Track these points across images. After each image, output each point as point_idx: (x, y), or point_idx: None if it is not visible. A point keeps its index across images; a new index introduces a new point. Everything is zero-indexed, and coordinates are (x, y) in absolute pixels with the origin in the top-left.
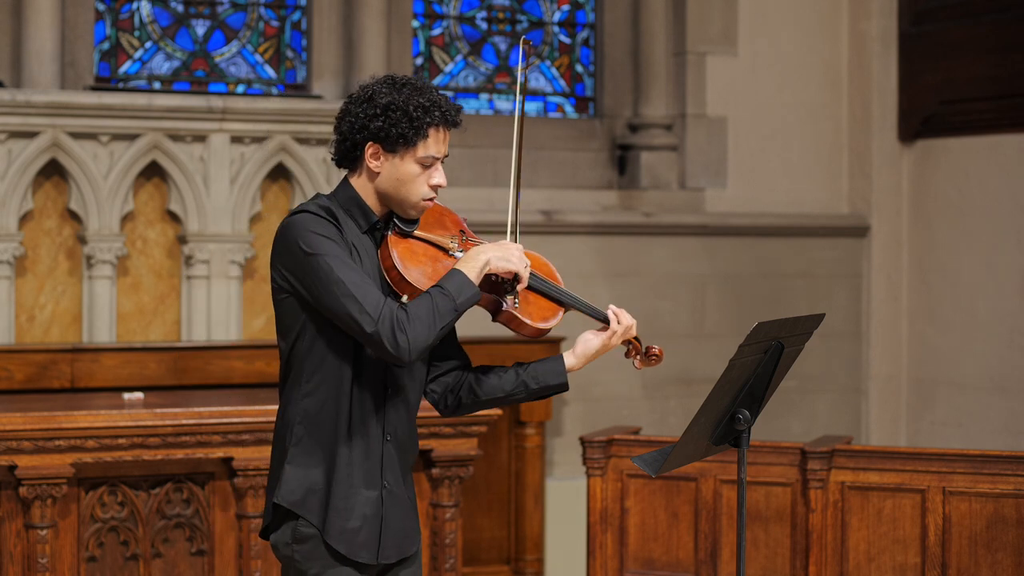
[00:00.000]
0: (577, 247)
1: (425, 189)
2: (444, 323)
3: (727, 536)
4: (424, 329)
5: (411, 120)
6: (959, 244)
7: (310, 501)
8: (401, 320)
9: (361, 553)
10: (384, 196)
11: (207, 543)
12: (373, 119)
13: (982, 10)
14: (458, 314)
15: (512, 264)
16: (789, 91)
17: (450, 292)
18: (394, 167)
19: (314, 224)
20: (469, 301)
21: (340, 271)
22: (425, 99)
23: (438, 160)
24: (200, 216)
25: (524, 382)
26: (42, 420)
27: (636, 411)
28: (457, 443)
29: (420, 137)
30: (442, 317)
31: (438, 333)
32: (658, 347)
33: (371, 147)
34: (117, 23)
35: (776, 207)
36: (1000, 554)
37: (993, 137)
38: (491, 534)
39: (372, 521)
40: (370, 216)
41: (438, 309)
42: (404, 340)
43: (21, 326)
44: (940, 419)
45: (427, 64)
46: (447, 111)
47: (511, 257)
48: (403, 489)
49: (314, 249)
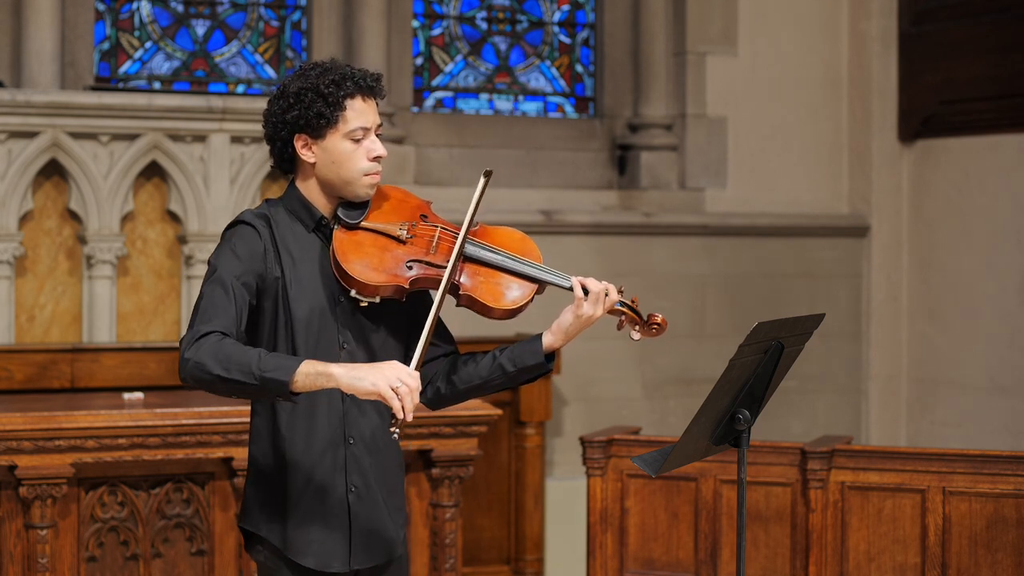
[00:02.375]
0: (577, 247)
1: (364, 163)
2: (229, 375)
3: (727, 536)
4: (211, 362)
5: (324, 98)
6: (959, 244)
7: (268, 522)
8: (206, 341)
9: (332, 563)
10: (328, 185)
11: (207, 543)
12: (288, 110)
13: (982, 10)
14: (253, 383)
15: (365, 384)
16: (789, 91)
17: (266, 361)
18: (325, 151)
19: (234, 239)
20: (272, 382)
21: (210, 285)
22: (335, 75)
23: (369, 131)
24: (200, 216)
25: (500, 365)
26: (42, 420)
27: (636, 411)
28: (457, 443)
29: (339, 111)
30: (233, 369)
31: (218, 378)
32: (660, 316)
33: (298, 139)
34: (117, 23)
35: (776, 207)
36: (1000, 554)
37: (993, 137)
38: (491, 534)
39: (338, 529)
40: (314, 214)
41: (241, 360)
42: (190, 358)
43: (21, 326)
44: (940, 419)
45: (427, 64)
46: (359, 79)
47: (367, 377)
48: (377, 491)
49: (213, 260)
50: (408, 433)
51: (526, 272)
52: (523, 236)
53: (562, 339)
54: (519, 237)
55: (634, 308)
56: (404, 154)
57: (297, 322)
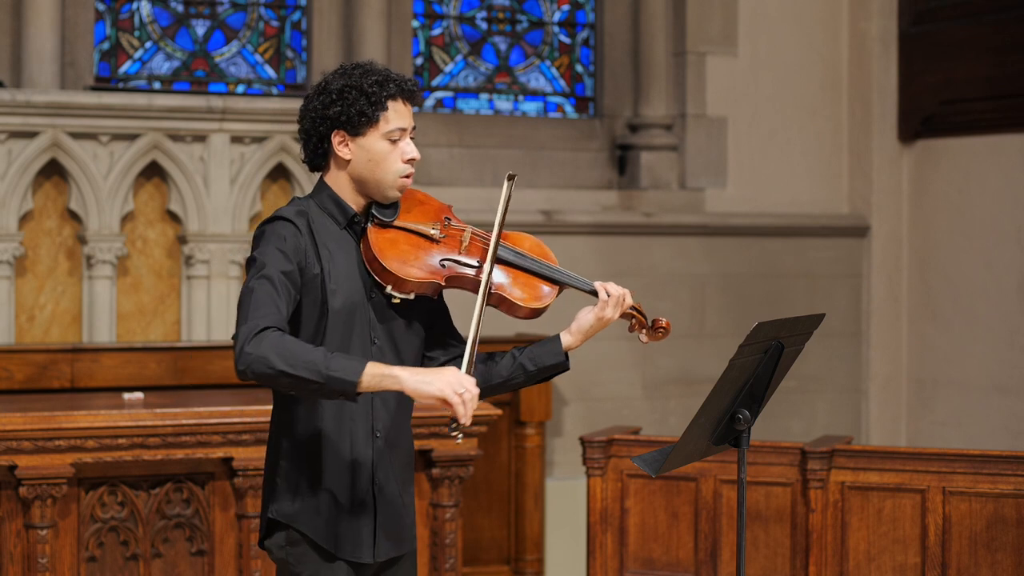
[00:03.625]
0: (577, 247)
1: (400, 165)
2: (294, 372)
3: (727, 536)
4: (275, 357)
5: (368, 96)
6: (959, 244)
7: (301, 512)
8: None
9: (361, 553)
10: (361, 183)
11: (207, 543)
12: (331, 106)
13: (982, 10)
14: (318, 381)
15: (433, 388)
16: (789, 91)
17: (333, 360)
18: (363, 149)
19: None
20: (338, 381)
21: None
22: (378, 75)
23: (405, 132)
24: (200, 216)
25: (521, 365)
26: (42, 420)
27: (636, 411)
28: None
29: (381, 110)
30: (299, 366)
31: (280, 373)
32: (665, 319)
33: (336, 135)
34: (117, 23)
35: (776, 207)
36: (1000, 554)
37: (993, 137)
38: (491, 534)
39: (365, 520)
40: (347, 211)
41: (306, 357)
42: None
43: (21, 326)
44: (940, 419)
45: (427, 64)
46: (402, 82)
47: (435, 381)
48: (396, 486)
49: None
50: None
51: (549, 275)
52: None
53: (580, 340)
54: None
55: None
56: None
57: (333, 316)
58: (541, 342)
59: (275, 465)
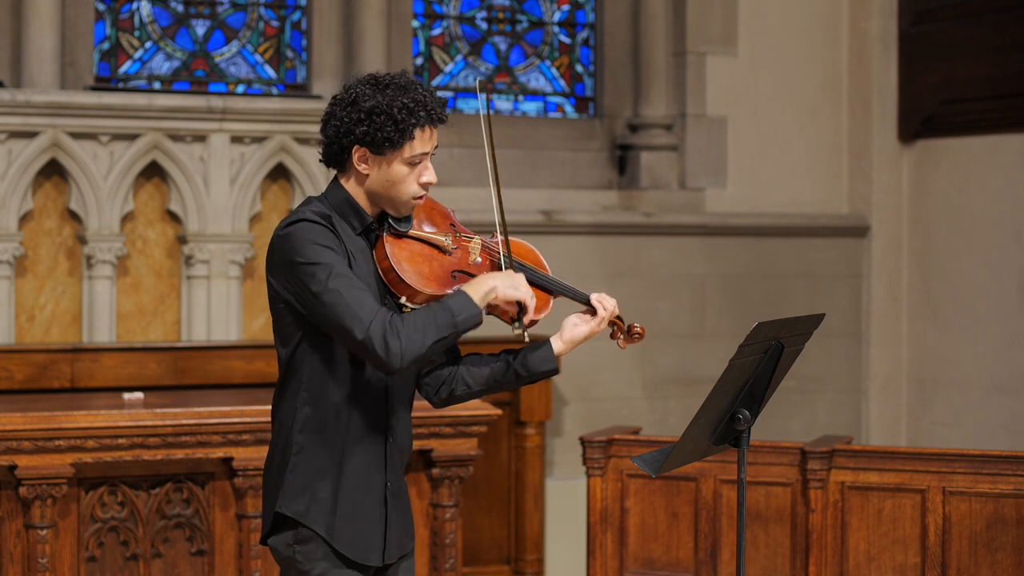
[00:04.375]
0: (577, 247)
1: (415, 188)
2: (440, 336)
3: (727, 536)
4: (418, 336)
5: (396, 123)
6: (959, 244)
7: (314, 510)
8: (395, 325)
9: (371, 556)
10: (375, 197)
11: (207, 543)
12: (358, 124)
13: (982, 10)
14: (457, 331)
15: (519, 293)
16: (789, 91)
17: (451, 308)
18: (382, 170)
19: (312, 233)
20: (469, 320)
21: (335, 281)
22: (409, 99)
23: (427, 156)
24: (200, 216)
25: (515, 371)
26: (42, 420)
27: (636, 411)
28: (457, 443)
29: (407, 139)
30: (439, 329)
31: (432, 345)
32: (640, 326)
33: (358, 151)
34: (117, 23)
35: (776, 207)
36: (1000, 554)
37: (993, 137)
38: (491, 534)
39: (379, 524)
40: (364, 218)
41: (436, 320)
42: (396, 345)
43: (21, 326)
44: (940, 419)
45: (427, 64)
46: (432, 109)
47: (519, 286)
48: (402, 487)
49: (310, 259)
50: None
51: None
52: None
53: (569, 348)
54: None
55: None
56: None
57: None
58: (532, 347)
59: (284, 461)
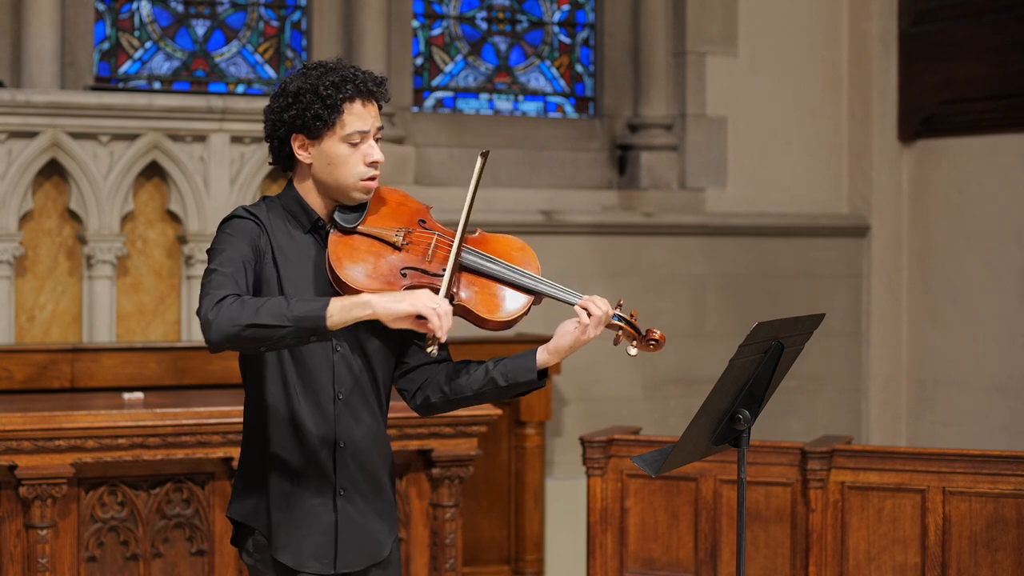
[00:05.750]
0: (577, 247)
1: (361, 168)
2: (259, 321)
3: (727, 536)
4: (238, 315)
5: (323, 100)
6: (959, 244)
7: (259, 513)
8: (224, 303)
9: (310, 563)
10: (324, 187)
11: (207, 543)
12: (287, 109)
13: (982, 10)
14: (287, 326)
15: (404, 307)
16: (789, 91)
17: (294, 302)
18: (322, 153)
19: (230, 225)
20: (305, 320)
21: (216, 262)
22: (336, 76)
23: (367, 135)
24: (200, 216)
25: (493, 379)
26: (42, 420)
27: (636, 411)
28: (457, 443)
29: (336, 114)
30: (262, 316)
31: (248, 327)
32: (659, 332)
33: (296, 139)
34: (117, 23)
35: (776, 207)
36: (1000, 554)
37: (993, 137)
38: (491, 534)
39: (324, 529)
40: (311, 214)
41: (268, 307)
42: (214, 318)
43: (21, 326)
44: (940, 419)
45: (427, 64)
46: (360, 82)
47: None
48: (366, 494)
49: (214, 246)
50: (408, 433)
51: (523, 284)
52: (523, 245)
53: (557, 359)
54: (519, 246)
55: (632, 323)
56: (404, 154)
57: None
58: (515, 356)
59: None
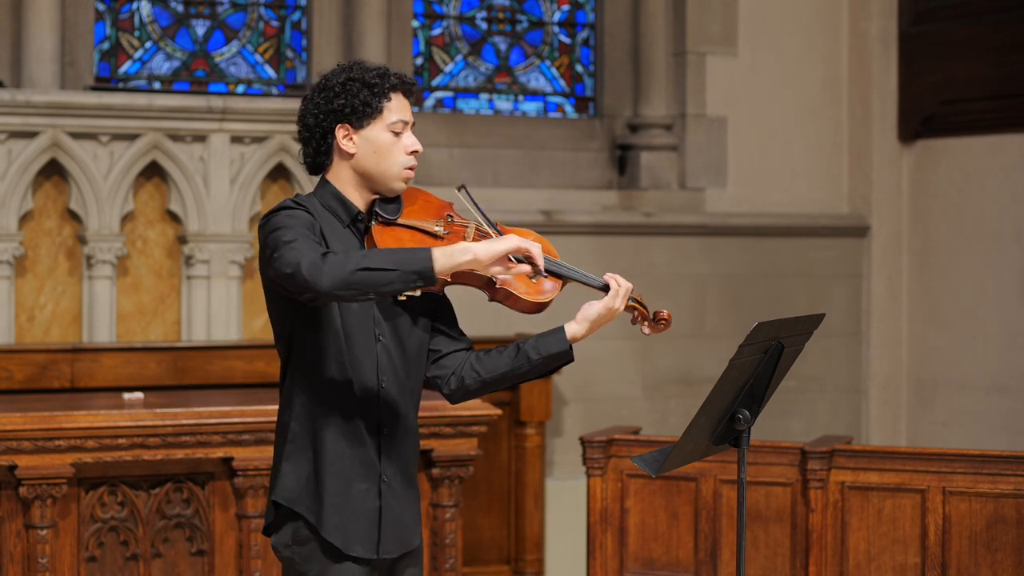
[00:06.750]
0: (577, 247)
1: (403, 157)
2: (369, 265)
3: (727, 536)
4: (343, 262)
5: (370, 87)
6: (959, 244)
7: (305, 496)
8: (328, 256)
9: (356, 547)
10: (365, 176)
11: (207, 543)
12: (334, 99)
13: (982, 10)
14: (395, 264)
15: (503, 245)
16: (789, 91)
17: (395, 250)
18: (367, 141)
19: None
20: (413, 262)
21: (284, 235)
22: (378, 69)
23: (407, 125)
24: (200, 216)
25: (526, 353)
26: (42, 420)
27: (636, 411)
28: (457, 443)
29: (384, 100)
30: (372, 260)
31: (359, 272)
32: (666, 311)
33: (341, 128)
34: (117, 23)
35: (776, 207)
36: (1000, 554)
37: (993, 137)
38: (491, 534)
39: (369, 514)
40: (351, 209)
41: (369, 253)
42: (323, 267)
43: (21, 326)
44: (940, 419)
45: (427, 64)
46: (401, 75)
47: (501, 240)
48: (402, 481)
49: (277, 226)
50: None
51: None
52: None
53: (587, 329)
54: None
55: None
56: None
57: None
58: (543, 333)
59: (280, 450)
